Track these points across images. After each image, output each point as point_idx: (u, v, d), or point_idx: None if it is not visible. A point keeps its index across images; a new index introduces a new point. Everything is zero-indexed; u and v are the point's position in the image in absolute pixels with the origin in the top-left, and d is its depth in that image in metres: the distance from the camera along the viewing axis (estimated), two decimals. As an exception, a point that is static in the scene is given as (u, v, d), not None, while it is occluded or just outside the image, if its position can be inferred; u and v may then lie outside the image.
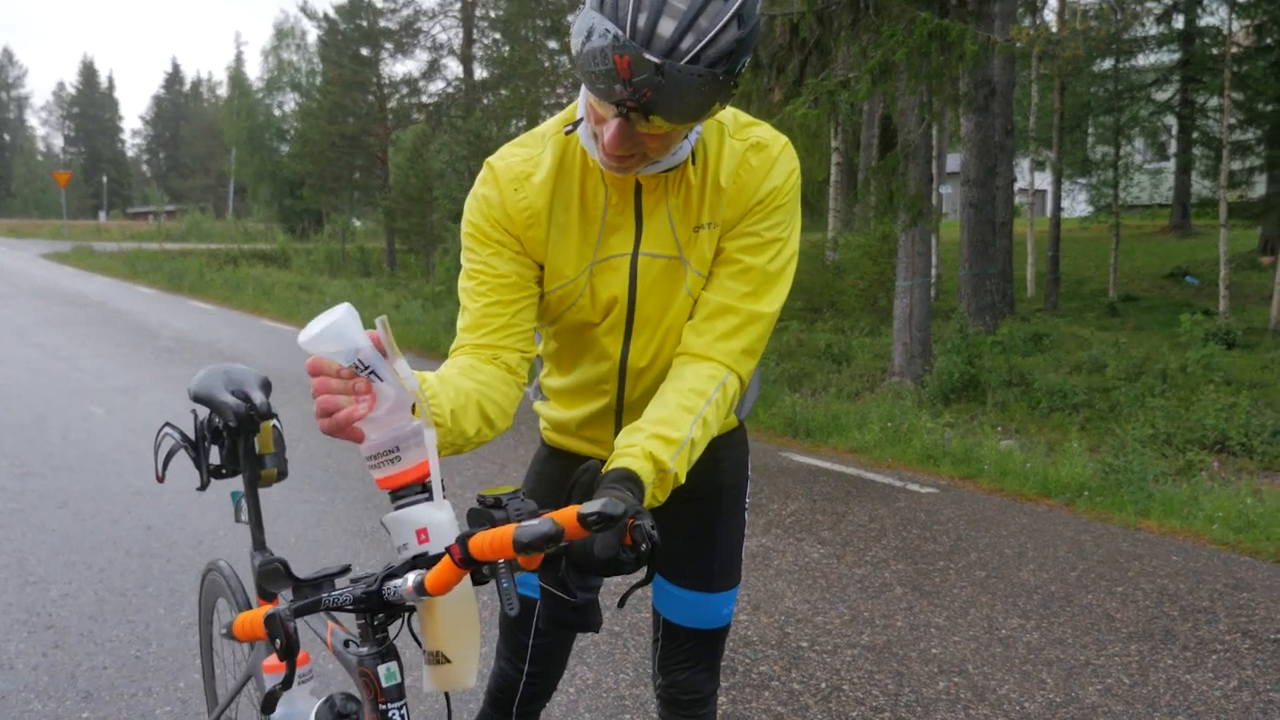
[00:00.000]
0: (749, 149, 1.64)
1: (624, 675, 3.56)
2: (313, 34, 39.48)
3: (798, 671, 3.61)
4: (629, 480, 1.39)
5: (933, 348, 10.37)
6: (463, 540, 1.15)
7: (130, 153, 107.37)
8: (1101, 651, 3.84)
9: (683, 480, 1.49)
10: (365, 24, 31.38)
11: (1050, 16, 18.01)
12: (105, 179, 78.61)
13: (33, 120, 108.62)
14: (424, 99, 31.71)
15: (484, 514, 1.22)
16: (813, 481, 6.44)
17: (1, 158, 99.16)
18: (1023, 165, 22.56)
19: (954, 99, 9.66)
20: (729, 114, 1.68)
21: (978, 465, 6.74)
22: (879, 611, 4.18)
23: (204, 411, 2.42)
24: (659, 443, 1.47)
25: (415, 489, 1.29)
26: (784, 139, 1.68)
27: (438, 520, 1.27)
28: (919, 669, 3.65)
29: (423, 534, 1.26)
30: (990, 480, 6.48)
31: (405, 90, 32.52)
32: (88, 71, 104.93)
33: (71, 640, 3.80)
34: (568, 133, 1.64)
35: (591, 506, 1.11)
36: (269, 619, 1.24)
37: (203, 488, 2.43)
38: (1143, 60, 19.87)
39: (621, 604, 1.46)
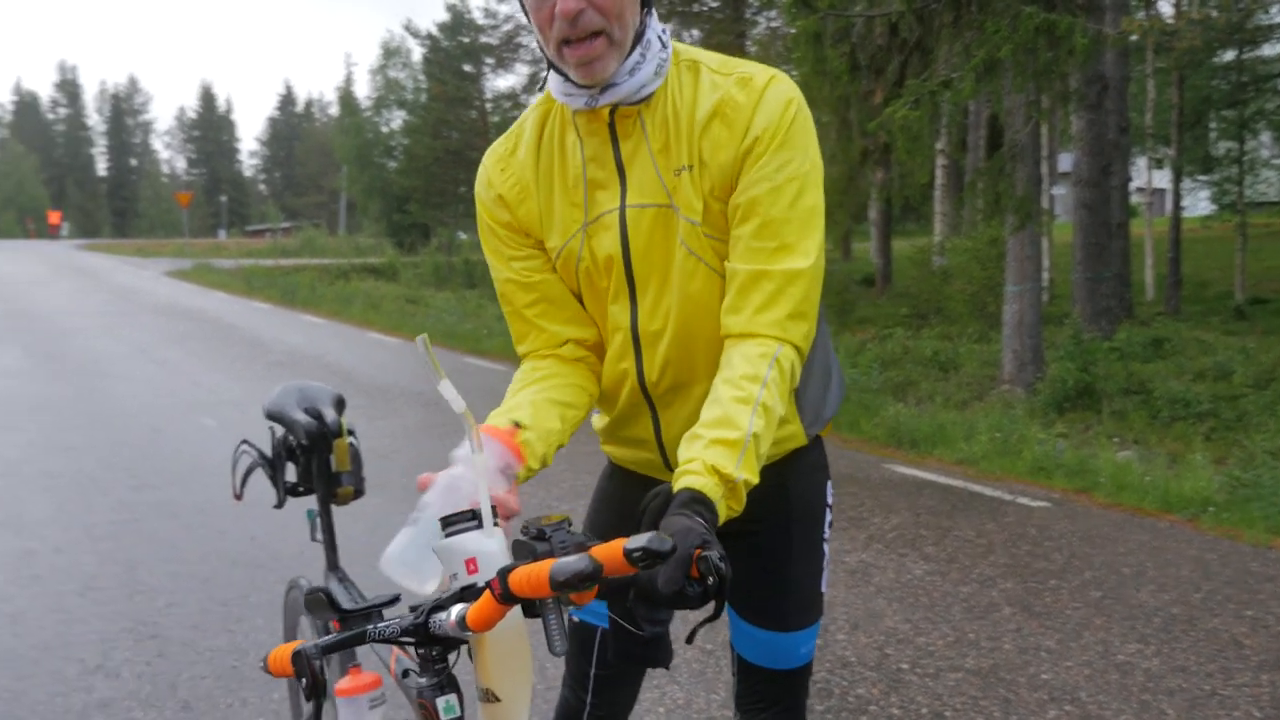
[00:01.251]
0: (734, 83, 1.53)
1: (715, 696, 3.46)
2: (418, 52, 40.30)
3: (897, 696, 3.47)
4: (697, 503, 1.30)
5: (1045, 354, 10.01)
6: (503, 575, 1.08)
7: (248, 173, 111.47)
8: (1229, 681, 3.60)
9: (755, 480, 1.38)
10: (467, 40, 31.99)
11: (1166, 7, 17.32)
12: (224, 198, 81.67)
13: (157, 145, 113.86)
14: (525, 112, 32.11)
15: (527, 546, 1.15)
16: (917, 494, 6.25)
17: (129, 181, 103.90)
18: (1139, 163, 21.74)
19: (1063, 96, 9.34)
20: (712, 56, 1.60)
21: (1093, 478, 6.45)
22: (985, 633, 4.00)
23: (281, 429, 2.42)
24: (719, 449, 1.36)
25: (466, 515, 1.23)
26: (776, 71, 1.56)
27: (488, 550, 1.20)
28: (1027, 695, 3.47)
29: (472, 564, 1.20)
30: (1106, 494, 6.19)
31: (507, 104, 33.03)
32: (206, 96, 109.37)
33: (174, 649, 3.87)
34: (539, 89, 1.64)
35: (637, 541, 1.03)
36: (296, 656, 1.20)
37: (279, 505, 2.43)
38: (1269, 50, 18.98)
39: (690, 640, 1.37)
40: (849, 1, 9.90)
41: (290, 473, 2.48)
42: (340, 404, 2.46)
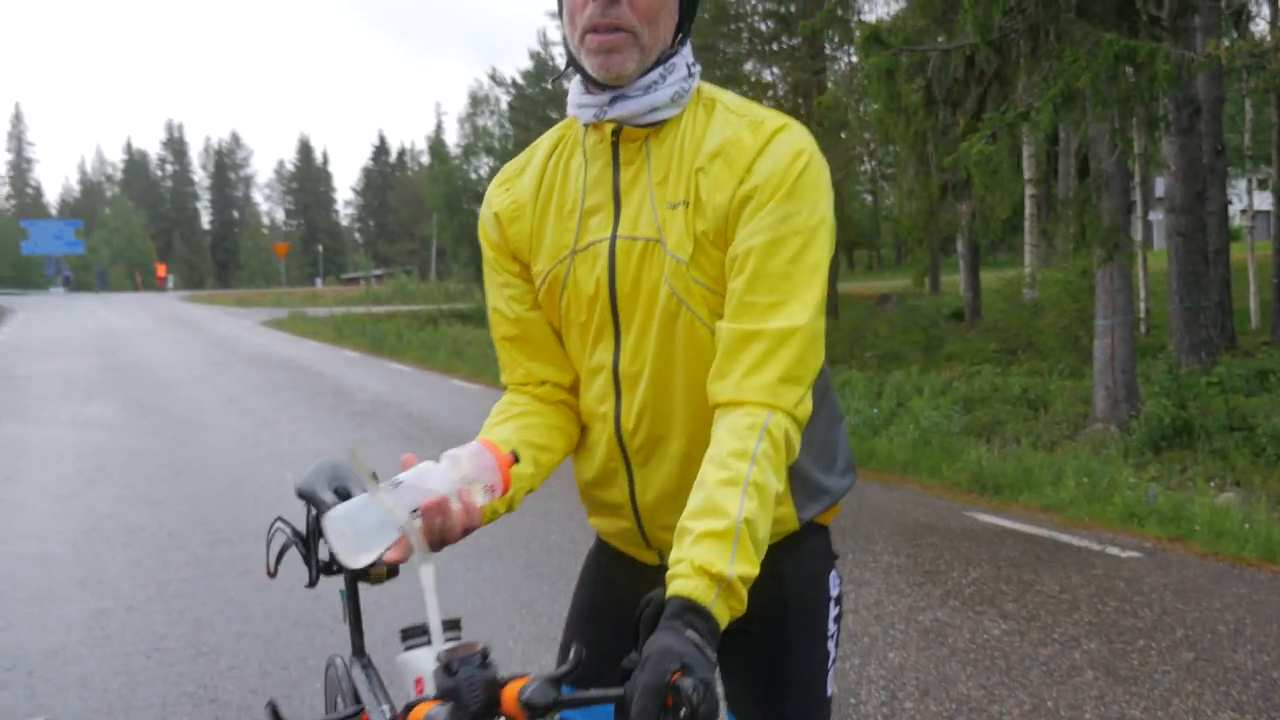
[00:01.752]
0: (746, 125, 1.48)
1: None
2: (504, 100, 41.03)
3: (968, 770, 3.28)
4: (689, 611, 1.19)
5: (1139, 390, 9.62)
6: (405, 710, 1.01)
7: (343, 222, 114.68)
8: (1332, 754, 3.33)
9: (754, 572, 1.26)
10: (550, 87, 32.49)
11: (1262, 25, 16.74)
12: (321, 247, 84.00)
13: (258, 197, 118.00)
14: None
15: (440, 675, 1.07)
16: (999, 545, 6.00)
17: (231, 233, 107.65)
18: (1239, 186, 20.96)
19: (1150, 123, 9.02)
20: (733, 97, 1.54)
21: (1188, 524, 6.11)
22: (1065, 700, 3.77)
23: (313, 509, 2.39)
24: (708, 544, 1.24)
25: (421, 631, 1.16)
26: (791, 120, 1.49)
27: (431, 671, 1.13)
28: (1109, 770, 3.25)
29: (419, 684, 1.13)
30: (1203, 542, 5.86)
31: (591, 147, 33.39)
32: (304, 149, 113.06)
33: (231, 715, 3.86)
34: (554, 78, 1.66)
35: (529, 689, 0.94)
36: None
37: (311, 584, 2.39)
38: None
39: None
40: (923, 35, 9.76)
41: (324, 550, 2.45)
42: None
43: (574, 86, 1.54)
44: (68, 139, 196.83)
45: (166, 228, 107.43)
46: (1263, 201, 24.23)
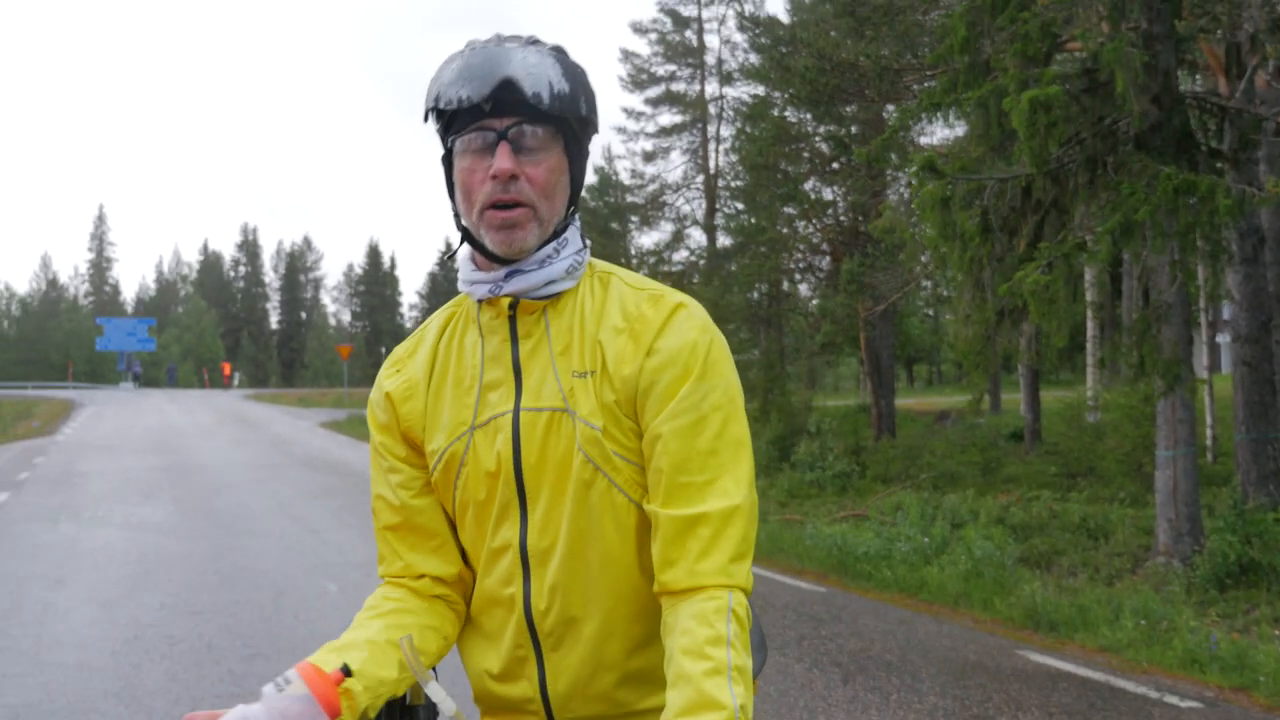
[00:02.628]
0: (646, 299, 1.50)
1: None
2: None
3: None
4: None
5: (1204, 523, 9.30)
6: None
7: (408, 324, 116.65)
8: None
9: None
10: (613, 200, 33.08)
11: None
12: (384, 350, 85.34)
13: (326, 299, 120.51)
14: (669, 268, 32.80)
15: None
16: (1051, 689, 5.75)
17: (298, 334, 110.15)
18: (1308, 313, 20.55)
19: (1211, 255, 8.91)
20: (628, 273, 1.57)
21: (1253, 674, 5.83)
22: None
23: None
24: None
25: None
26: (687, 298, 1.51)
27: None
28: None
29: None
30: (1269, 694, 5.57)
31: (652, 260, 33.81)
32: (373, 253, 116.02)
33: None
34: (448, 255, 1.64)
35: None
36: None
37: None
38: None
39: None
40: (979, 163, 9.80)
41: None
42: None
43: (463, 263, 1.56)
44: (147, 239, 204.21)
45: (236, 327, 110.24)
46: (1334, 328, 23.74)
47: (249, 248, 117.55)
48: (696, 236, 40.75)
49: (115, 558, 9.49)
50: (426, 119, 1.51)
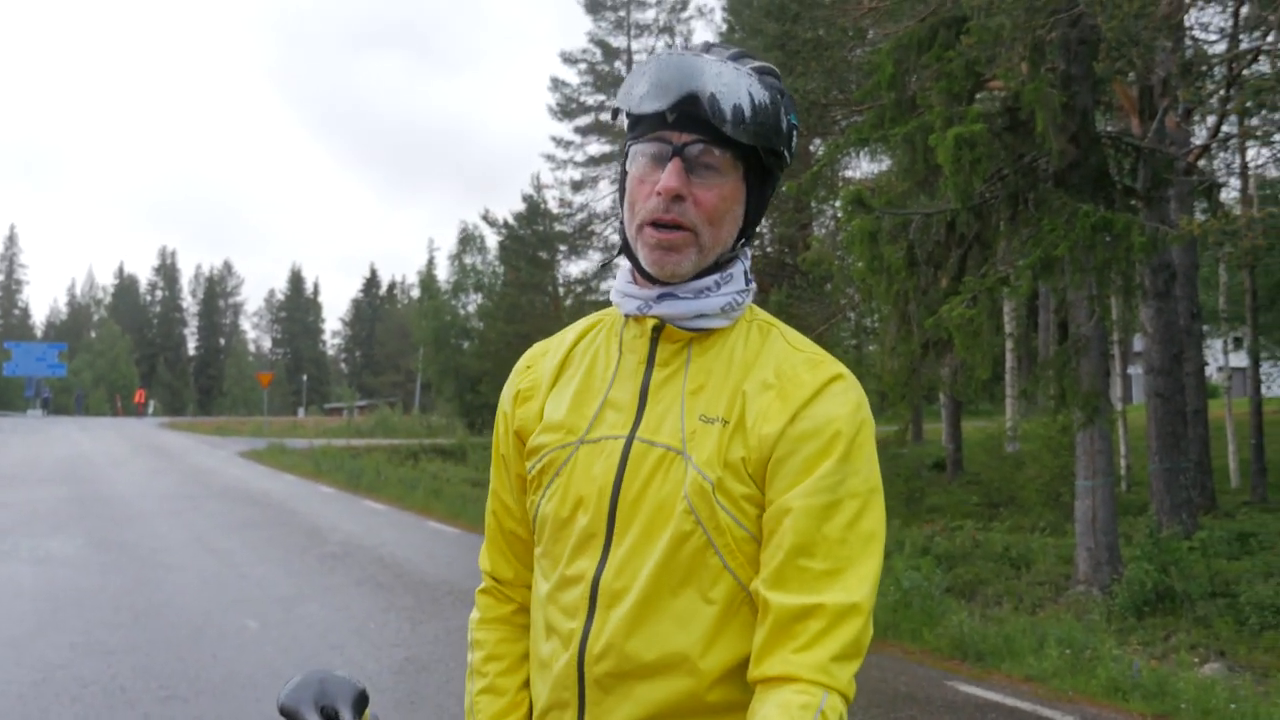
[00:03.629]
0: (803, 361, 1.42)
1: None
2: (492, 239, 41.77)
3: None
4: None
5: (1121, 553, 9.52)
6: None
7: (330, 352, 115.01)
8: None
9: None
10: (542, 229, 33.06)
11: (1234, 195, 17.25)
12: (305, 377, 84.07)
13: (246, 325, 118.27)
14: (597, 297, 32.81)
15: None
16: (980, 719, 5.81)
17: (216, 360, 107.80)
18: (1215, 346, 21.28)
19: (1126, 290, 9.17)
20: (791, 331, 1.49)
21: (1174, 700, 5.94)
22: None
23: None
24: None
25: None
26: (846, 370, 1.43)
27: None
28: None
29: None
30: (1190, 721, 5.69)
31: (579, 289, 33.81)
32: (296, 279, 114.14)
33: None
34: (604, 264, 1.57)
35: None
36: None
37: None
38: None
39: None
40: (906, 198, 9.98)
41: None
42: (361, 702, 2.30)
43: (620, 273, 1.50)
44: (59, 261, 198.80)
45: (152, 353, 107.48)
46: (1239, 360, 24.60)
47: (167, 271, 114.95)
48: (626, 266, 41.04)
49: (22, 594, 9.10)
50: (615, 117, 1.44)
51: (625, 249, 1.47)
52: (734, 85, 1.36)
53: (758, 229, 1.53)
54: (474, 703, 1.57)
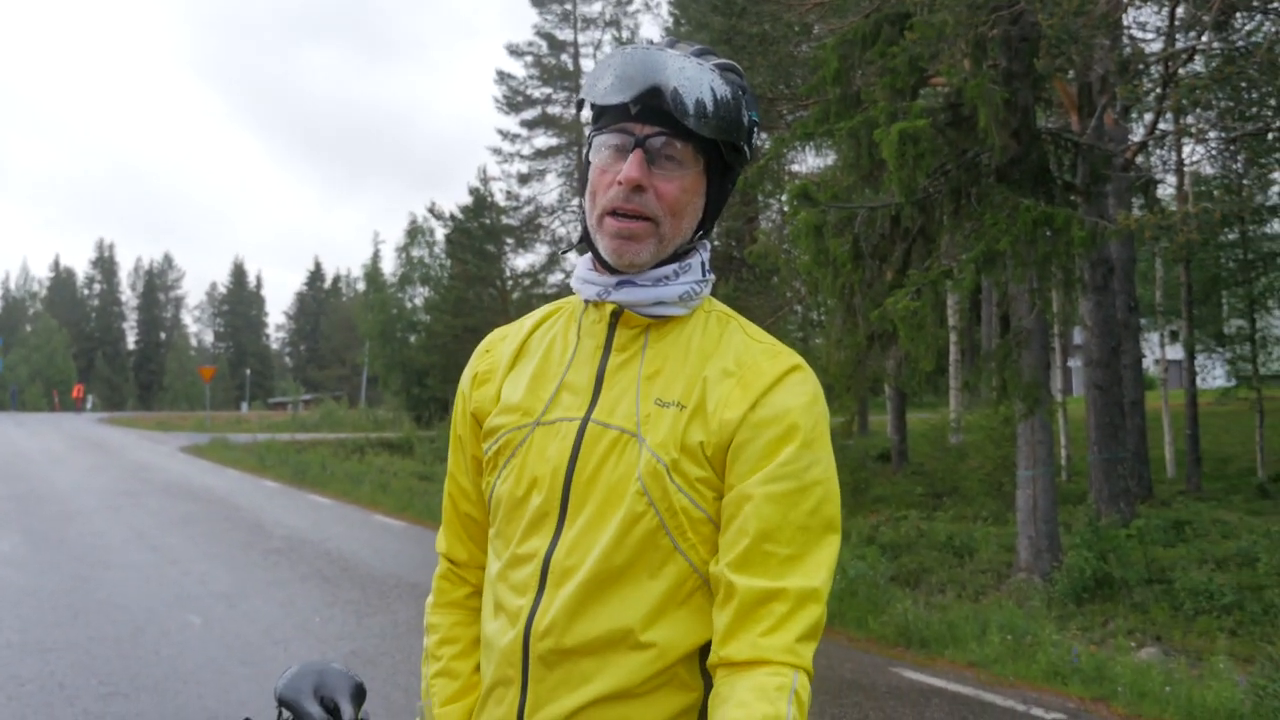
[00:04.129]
0: (762, 351, 1.46)
1: None
2: (440, 232, 41.52)
3: None
4: None
5: (1061, 541, 9.71)
6: None
7: (274, 346, 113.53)
8: None
9: None
10: (489, 222, 32.89)
11: (1168, 190, 17.65)
12: (249, 371, 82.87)
13: (187, 319, 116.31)
14: (545, 290, 32.73)
15: None
16: (924, 705, 5.90)
17: (157, 354, 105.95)
18: (1152, 339, 21.76)
19: (1066, 284, 9.34)
20: (749, 323, 1.52)
21: (1111, 685, 6.10)
22: None
23: (290, 715, 2.25)
24: None
25: None
26: (805, 364, 1.46)
27: None
28: None
29: None
30: (1125, 703, 5.84)
31: (527, 281, 33.71)
32: (238, 272, 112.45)
33: None
34: (564, 252, 1.61)
35: None
36: None
37: None
38: (1276, 226, 19.19)
39: None
40: (851, 192, 10.08)
41: None
42: (360, 695, 2.29)
43: (582, 260, 1.53)
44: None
45: (90, 347, 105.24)
46: (1175, 352, 25.23)
47: (105, 264, 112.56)
48: (572, 259, 40.96)
49: (-44, 593, 8.90)
50: (580, 109, 1.47)
51: (586, 238, 1.50)
52: (697, 80, 1.38)
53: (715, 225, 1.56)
54: (429, 685, 1.60)
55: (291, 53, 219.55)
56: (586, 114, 1.48)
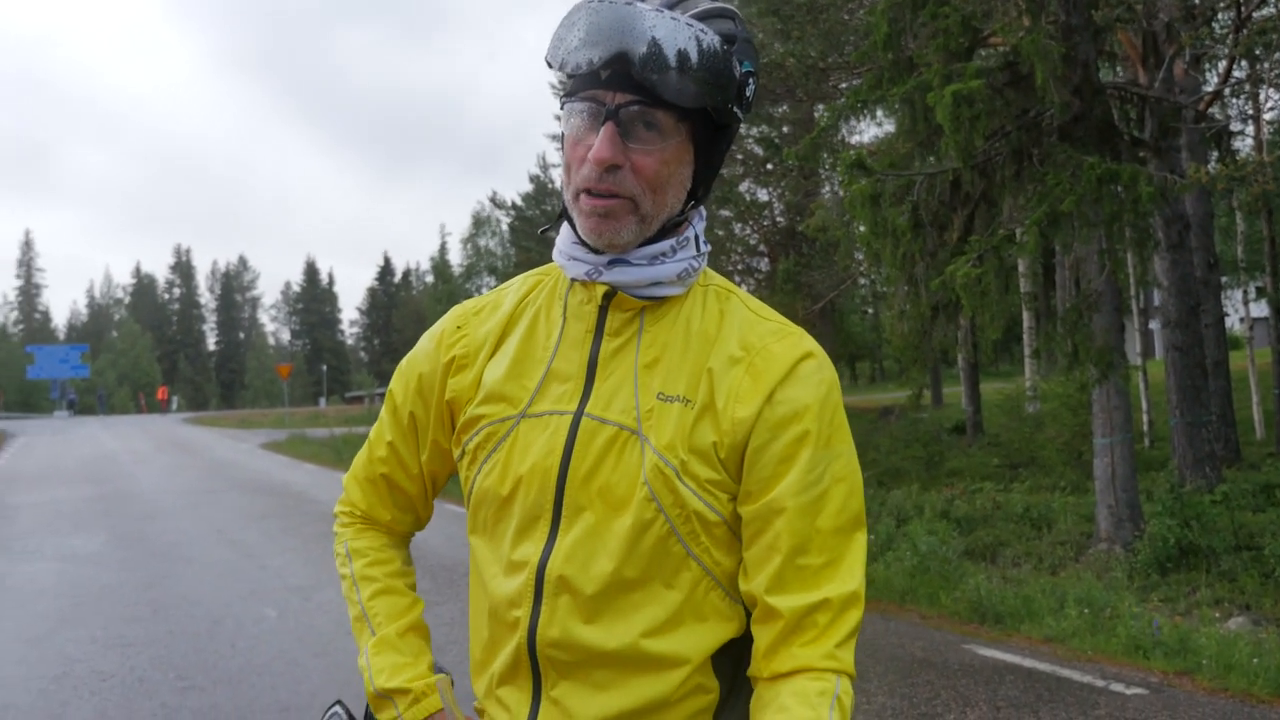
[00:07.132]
0: (770, 331, 1.34)
1: None
2: (504, 221, 41.69)
3: None
4: None
5: (1143, 509, 9.42)
6: None
7: (348, 341, 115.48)
8: None
9: None
10: (550, 208, 32.98)
11: (1247, 141, 16.98)
12: (325, 367, 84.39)
13: (264, 318, 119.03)
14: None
15: None
16: (998, 682, 5.75)
17: (237, 354, 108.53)
18: (1235, 296, 21.02)
19: (1137, 242, 9.03)
20: (748, 296, 1.40)
21: (1195, 657, 5.87)
22: None
23: None
24: None
25: None
26: (816, 345, 1.35)
27: None
28: None
29: None
30: (1211, 676, 5.62)
31: (591, 266, 33.76)
32: (310, 271, 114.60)
33: None
34: (543, 232, 1.47)
35: None
36: None
37: None
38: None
39: None
40: (908, 160, 9.85)
41: None
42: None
43: (564, 232, 1.39)
44: (78, 264, 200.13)
45: (172, 349, 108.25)
46: (1260, 310, 24.32)
47: (183, 269, 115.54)
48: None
49: (44, 592, 9.17)
50: (552, 68, 1.31)
51: (565, 215, 1.38)
52: (670, 40, 1.22)
53: (711, 190, 1.42)
54: (368, 608, 1.52)
55: (329, 35, 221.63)
56: (559, 74, 1.35)
